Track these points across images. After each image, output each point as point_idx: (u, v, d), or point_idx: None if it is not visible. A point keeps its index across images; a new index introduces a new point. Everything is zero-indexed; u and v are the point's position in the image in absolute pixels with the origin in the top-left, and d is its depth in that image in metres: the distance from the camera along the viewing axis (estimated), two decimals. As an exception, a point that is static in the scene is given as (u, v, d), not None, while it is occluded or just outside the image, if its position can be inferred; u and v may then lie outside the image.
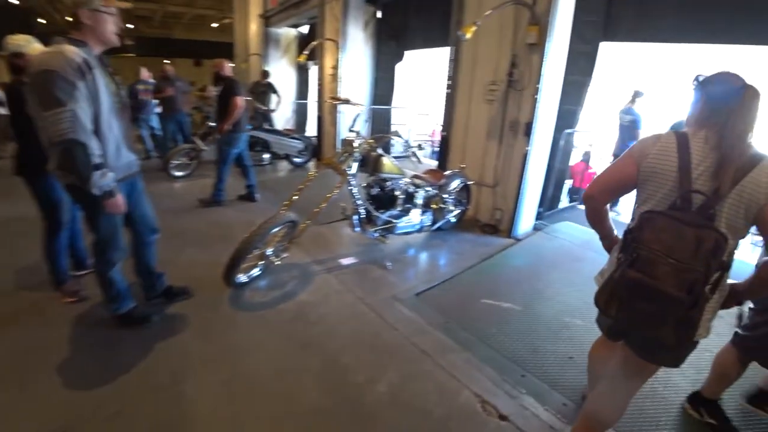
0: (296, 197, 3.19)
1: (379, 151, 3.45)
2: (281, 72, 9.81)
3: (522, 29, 4.18)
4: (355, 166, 3.32)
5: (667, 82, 7.47)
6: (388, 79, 7.49)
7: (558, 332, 2.92)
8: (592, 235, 4.74)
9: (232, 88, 4.71)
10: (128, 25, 18.42)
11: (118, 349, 2.43)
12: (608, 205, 1.75)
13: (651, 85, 6.64)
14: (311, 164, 7.57)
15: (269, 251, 3.09)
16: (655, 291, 1.27)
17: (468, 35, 3.85)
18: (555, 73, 4.27)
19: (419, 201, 3.92)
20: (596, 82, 4.95)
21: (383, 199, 3.69)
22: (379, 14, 7.08)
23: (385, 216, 3.65)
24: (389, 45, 7.27)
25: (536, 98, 4.16)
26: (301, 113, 10.16)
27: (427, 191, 3.98)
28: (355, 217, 3.52)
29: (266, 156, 6.76)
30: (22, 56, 2.55)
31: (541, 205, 4.99)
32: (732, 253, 1.37)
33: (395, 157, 4.87)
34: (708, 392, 2.20)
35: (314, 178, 3.27)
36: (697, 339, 1.40)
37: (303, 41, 9.55)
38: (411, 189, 3.85)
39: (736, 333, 2.05)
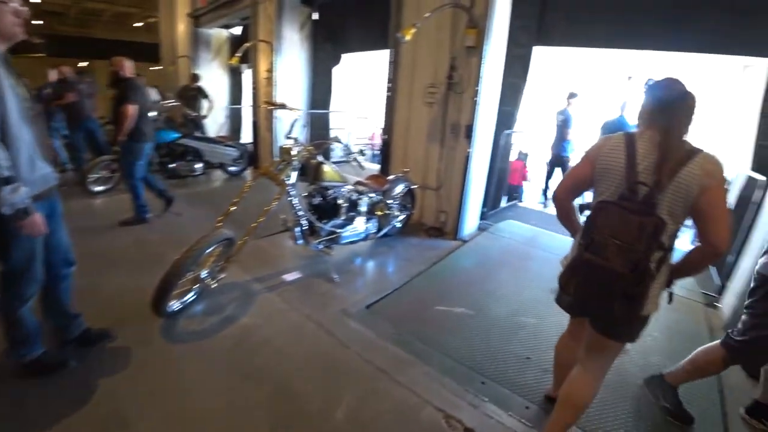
0: (232, 210, 2.93)
1: (320, 158, 3.27)
2: (212, 75, 9.26)
3: (460, 32, 4.19)
4: (294, 175, 3.11)
5: (599, 84, 7.93)
6: (326, 83, 7.30)
7: (513, 333, 2.92)
8: (536, 232, 4.86)
9: (126, 92, 4.06)
10: (36, 21, 16.64)
11: (27, 406, 2.03)
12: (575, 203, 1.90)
13: (584, 87, 7.01)
14: (248, 173, 7.20)
15: (204, 273, 2.80)
16: (604, 269, 1.47)
17: (407, 37, 3.78)
18: (493, 76, 4.33)
19: (363, 208, 3.78)
20: (531, 84, 5.10)
21: (326, 208, 3.50)
22: (315, 16, 6.86)
23: (328, 226, 3.47)
24: (326, 47, 7.07)
25: (476, 101, 4.18)
26: (235, 119, 9.65)
27: (370, 198, 3.86)
28: (297, 229, 3.32)
29: (198, 166, 6.28)
30: None
31: (484, 205, 5.05)
32: (673, 236, 1.55)
33: (335, 163, 4.72)
34: (672, 378, 2.30)
35: (250, 189, 3.01)
36: (646, 314, 1.57)
37: (235, 43, 9.07)
38: (354, 196, 3.70)
39: (727, 335, 2.14)
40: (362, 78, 9.11)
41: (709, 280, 4.09)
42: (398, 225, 4.40)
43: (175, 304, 2.73)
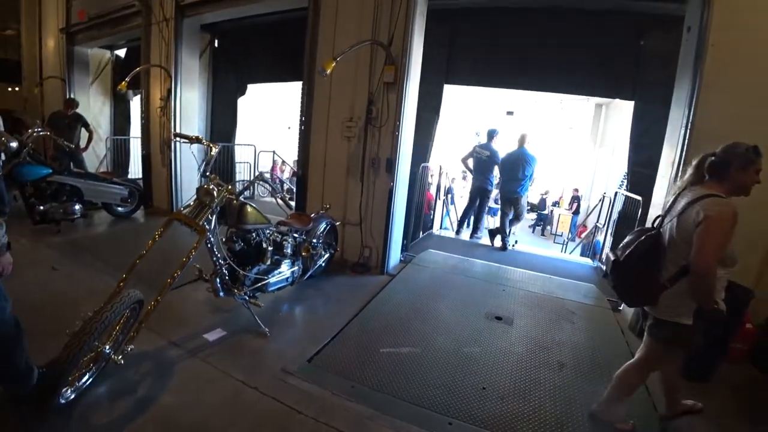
0: (138, 262, 2.47)
1: (241, 198, 2.95)
2: (92, 101, 8.08)
3: (378, 67, 4.23)
4: (214, 219, 2.74)
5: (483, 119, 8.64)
6: (229, 114, 6.86)
7: (462, 366, 2.91)
8: (456, 260, 5.02)
9: None
10: None
11: None
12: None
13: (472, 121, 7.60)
14: (139, 213, 6.35)
15: (107, 348, 2.28)
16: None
17: (328, 71, 3.68)
18: (410, 111, 4.42)
19: (288, 251, 3.50)
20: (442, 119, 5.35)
21: (249, 253, 3.16)
22: (216, 43, 6.45)
23: (253, 273, 3.14)
24: (228, 77, 6.68)
25: (398, 135, 4.22)
26: (119, 152, 8.52)
27: (295, 238, 3.60)
28: (217, 279, 2.93)
29: (77, 207, 5.32)
30: None
31: (404, 237, 5.07)
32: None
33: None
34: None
35: (139, 234, 2.56)
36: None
37: (120, 66, 8.12)
38: (278, 238, 3.42)
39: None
40: (266, 109, 8.79)
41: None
42: (323, 264, 4.18)
43: (67, 392, 2.17)
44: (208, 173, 2.80)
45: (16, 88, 10.15)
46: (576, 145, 15.66)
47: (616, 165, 11.52)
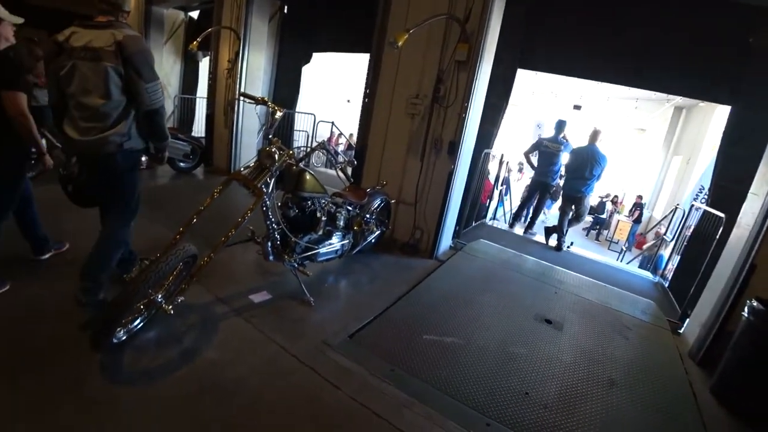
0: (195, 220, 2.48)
1: (301, 165, 2.89)
2: (164, 60, 8.40)
3: (451, 45, 4.00)
4: (272, 183, 2.71)
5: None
6: (293, 82, 6.85)
7: (506, 365, 2.75)
8: (509, 254, 4.74)
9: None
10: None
11: None
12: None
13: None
14: (200, 170, 6.56)
15: (159, 297, 2.32)
16: None
17: (400, 43, 3.52)
18: (480, 93, 4.18)
19: (341, 223, 3.44)
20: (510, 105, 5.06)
21: (302, 221, 3.12)
22: (285, 9, 6.42)
23: (304, 241, 3.10)
24: (296, 44, 6.65)
25: (464, 117, 4.01)
26: (186, 110, 8.83)
27: (348, 211, 3.53)
28: (269, 243, 2.92)
29: (144, 158, 5.51)
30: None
31: (457, 223, 4.89)
32: None
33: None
34: None
35: (211, 193, 2.55)
36: None
37: (193, 27, 8.33)
38: (332, 209, 3.36)
39: None
40: (327, 80, 8.76)
41: (673, 309, 4.23)
42: (372, 241, 4.09)
43: (120, 333, 2.24)
44: (270, 136, 2.76)
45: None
46: (645, 150, 14.59)
47: (689, 175, 10.61)
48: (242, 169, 2.64)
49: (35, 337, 2.24)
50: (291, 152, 2.74)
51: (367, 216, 3.76)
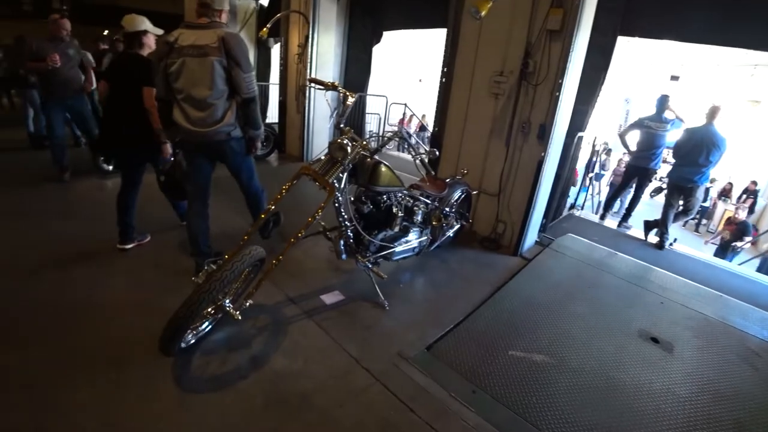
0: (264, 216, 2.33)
1: (376, 157, 2.61)
2: (238, 49, 8.55)
3: (541, 12, 3.47)
4: (344, 177, 2.47)
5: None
6: (363, 62, 6.57)
7: (607, 397, 2.32)
8: (602, 252, 4.09)
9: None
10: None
11: None
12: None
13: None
14: (273, 157, 6.58)
15: (227, 302, 2.20)
16: None
17: (483, 12, 3.08)
18: (576, 67, 3.61)
19: (418, 218, 3.14)
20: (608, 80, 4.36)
21: (376, 217, 2.86)
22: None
23: (379, 239, 2.85)
24: (365, 23, 6.34)
25: (557, 96, 3.48)
26: (261, 97, 8.96)
27: (426, 205, 3.21)
28: (341, 241, 2.70)
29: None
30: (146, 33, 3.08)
31: (545, 216, 4.38)
32: None
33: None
34: None
35: (281, 189, 2.37)
36: None
37: (263, 14, 8.35)
38: (409, 203, 3.06)
39: None
40: (396, 59, 8.40)
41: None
42: (451, 236, 3.75)
43: (189, 336, 2.15)
44: (342, 125, 2.50)
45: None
46: (760, 125, 12.46)
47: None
48: (312, 162, 2.42)
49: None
50: (365, 143, 2.46)
51: (447, 209, 3.42)
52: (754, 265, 6.71)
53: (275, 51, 8.17)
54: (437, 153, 2.59)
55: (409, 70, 13.70)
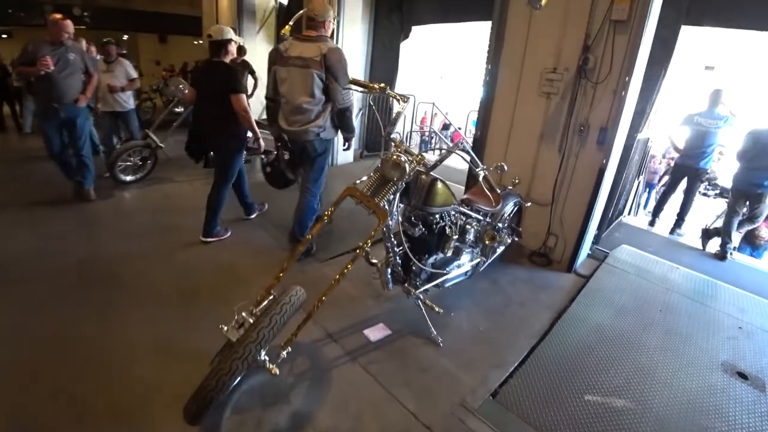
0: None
1: (433, 174, 2.25)
2: (258, 49, 8.22)
3: (603, 0, 3.05)
4: (396, 199, 2.11)
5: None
6: (391, 60, 6.20)
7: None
8: (663, 267, 3.71)
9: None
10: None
11: None
12: None
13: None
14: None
15: (263, 354, 1.86)
16: None
17: (544, 1, 2.68)
18: (641, 64, 3.19)
19: (470, 236, 2.76)
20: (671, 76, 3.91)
21: (426, 241, 2.49)
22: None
23: (430, 264, 2.49)
24: (392, 18, 5.97)
25: (623, 95, 3.07)
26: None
27: (479, 221, 2.83)
28: (389, 270, 2.35)
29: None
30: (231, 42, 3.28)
31: (599, 227, 3.97)
32: None
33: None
34: None
35: (323, 218, 2.04)
36: None
37: (283, 12, 8.03)
38: (462, 221, 2.69)
39: None
40: (416, 56, 7.99)
41: None
42: (499, 251, 3.37)
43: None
44: (392, 135, 2.14)
45: (200, 41, 11.03)
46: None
47: None
48: (358, 182, 2.07)
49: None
50: (420, 157, 2.10)
51: (499, 224, 3.05)
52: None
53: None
54: (505, 167, 2.21)
55: (429, 67, 13.25)
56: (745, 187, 4.38)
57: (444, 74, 12.95)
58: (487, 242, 2.87)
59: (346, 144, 3.44)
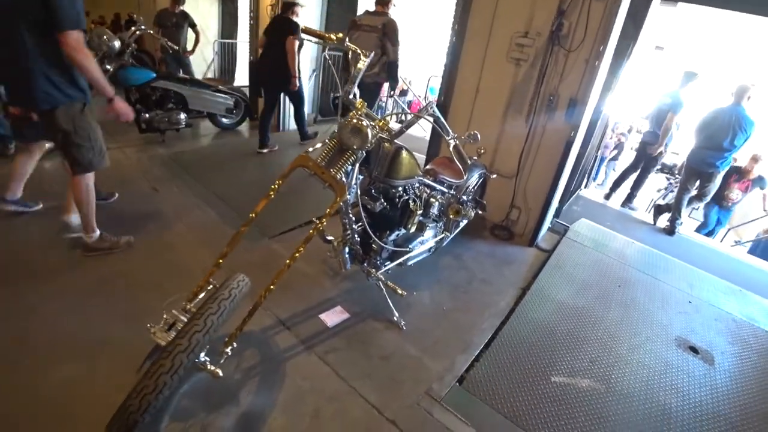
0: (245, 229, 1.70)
1: (397, 142, 2.00)
2: (200, 3, 7.43)
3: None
4: (355, 170, 1.85)
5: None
6: (347, 12, 5.75)
7: (665, 427, 1.99)
8: (620, 242, 4.01)
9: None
10: None
11: None
12: None
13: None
14: (244, 126, 5.76)
15: (202, 357, 1.56)
16: None
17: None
18: (615, 34, 3.04)
19: (434, 210, 2.56)
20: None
21: (387, 216, 2.26)
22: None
23: (391, 241, 2.28)
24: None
25: (596, 65, 2.93)
26: (228, 57, 7.92)
27: (443, 194, 2.64)
28: (346, 249, 2.12)
29: (182, 116, 4.81)
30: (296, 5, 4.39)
31: (560, 200, 3.91)
32: None
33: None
34: None
35: (269, 194, 1.73)
36: None
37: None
38: (425, 194, 2.48)
39: None
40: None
41: None
42: (463, 224, 3.22)
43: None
44: (352, 95, 1.86)
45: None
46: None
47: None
48: (311, 150, 1.79)
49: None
50: (384, 122, 1.84)
51: (464, 198, 2.87)
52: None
53: (243, 2, 7.16)
54: (478, 136, 1.98)
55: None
56: (698, 165, 4.47)
57: (405, 35, 12.41)
58: (451, 216, 2.69)
59: (392, 92, 4.67)
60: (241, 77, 7.15)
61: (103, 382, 1.68)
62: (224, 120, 5.47)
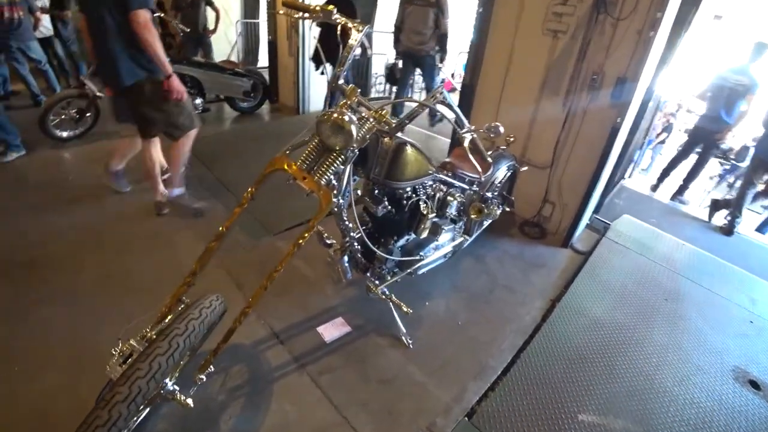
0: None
1: (400, 135, 1.69)
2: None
3: None
4: (348, 172, 1.55)
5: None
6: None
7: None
8: (667, 243, 3.53)
9: None
10: None
11: None
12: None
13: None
14: (263, 109, 5.54)
15: (170, 384, 1.37)
16: None
17: None
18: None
19: (452, 211, 2.23)
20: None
21: (394, 220, 1.97)
22: None
23: (399, 247, 2.00)
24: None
25: (651, 36, 2.47)
26: (251, 37, 7.67)
27: (462, 191, 2.30)
28: (345, 259, 1.85)
29: (198, 101, 4.65)
30: None
31: (602, 194, 3.47)
32: None
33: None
34: None
35: (242, 202, 1.49)
36: None
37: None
38: (441, 193, 2.15)
39: None
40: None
41: None
42: (486, 224, 2.88)
43: None
44: (342, 81, 1.55)
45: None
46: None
47: None
48: (289, 149, 1.51)
49: None
50: (381, 113, 1.52)
51: (488, 195, 2.52)
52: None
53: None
54: (501, 129, 1.62)
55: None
56: (765, 155, 3.87)
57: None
58: (473, 216, 2.34)
59: (441, 64, 4.77)
60: (264, 59, 6.90)
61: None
62: (243, 104, 5.27)
